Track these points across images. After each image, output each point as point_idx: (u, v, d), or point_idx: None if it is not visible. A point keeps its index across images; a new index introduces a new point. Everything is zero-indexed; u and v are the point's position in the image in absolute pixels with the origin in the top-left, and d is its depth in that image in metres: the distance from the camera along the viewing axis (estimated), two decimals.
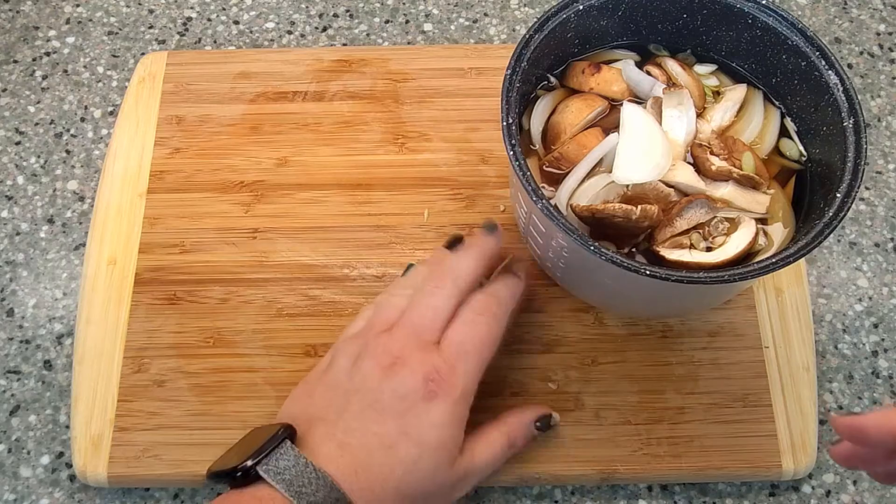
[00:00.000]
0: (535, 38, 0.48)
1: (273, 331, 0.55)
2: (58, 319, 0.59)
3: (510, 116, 0.45)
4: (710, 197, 0.47)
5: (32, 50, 0.69)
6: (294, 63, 0.65)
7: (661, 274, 0.41)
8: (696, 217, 0.47)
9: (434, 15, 0.71)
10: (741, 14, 0.50)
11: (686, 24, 0.52)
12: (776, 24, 0.49)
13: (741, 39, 0.51)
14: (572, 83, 0.53)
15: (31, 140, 0.65)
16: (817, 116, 0.49)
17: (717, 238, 0.47)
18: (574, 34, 0.51)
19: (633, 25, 0.53)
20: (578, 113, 0.51)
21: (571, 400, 0.53)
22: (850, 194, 0.44)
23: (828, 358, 0.58)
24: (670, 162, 0.47)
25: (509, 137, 0.45)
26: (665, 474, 0.52)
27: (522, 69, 0.47)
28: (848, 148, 0.45)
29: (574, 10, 0.49)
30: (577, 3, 0.49)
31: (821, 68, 0.48)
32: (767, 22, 0.49)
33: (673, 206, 0.47)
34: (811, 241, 0.43)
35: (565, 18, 0.49)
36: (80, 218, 0.62)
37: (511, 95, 0.46)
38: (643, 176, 0.47)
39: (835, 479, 0.54)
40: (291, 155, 0.61)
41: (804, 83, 0.49)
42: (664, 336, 0.55)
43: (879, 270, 0.60)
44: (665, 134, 0.49)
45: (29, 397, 0.56)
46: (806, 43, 0.48)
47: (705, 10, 0.51)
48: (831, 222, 0.43)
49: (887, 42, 0.70)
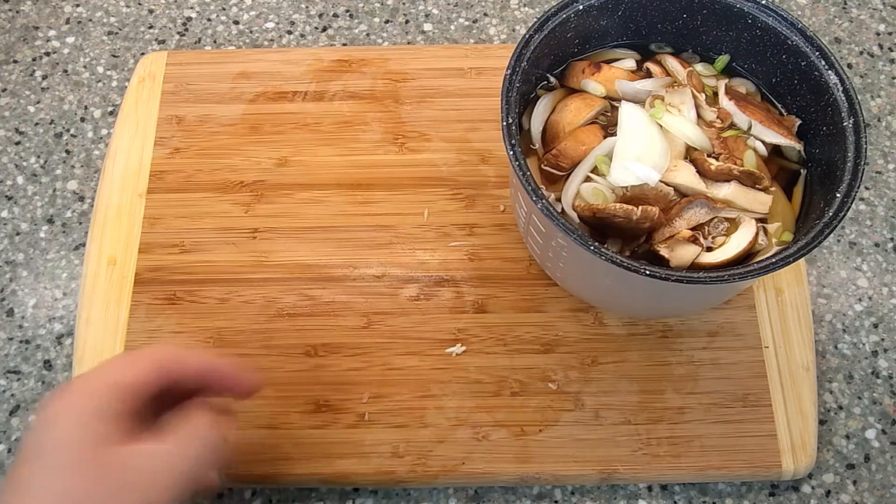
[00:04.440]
0: (535, 38, 0.48)
1: (273, 331, 0.55)
2: (58, 319, 0.59)
3: (510, 116, 0.45)
4: (710, 197, 0.47)
5: (32, 50, 0.69)
6: (294, 63, 0.65)
7: (661, 274, 0.41)
8: (697, 217, 0.46)
9: (434, 15, 0.71)
10: (741, 14, 0.50)
11: (686, 24, 0.52)
12: (776, 24, 0.49)
13: (741, 39, 0.51)
14: (572, 83, 0.53)
15: (31, 140, 0.65)
16: (817, 116, 0.49)
17: (718, 238, 0.47)
18: (574, 34, 0.51)
19: (633, 25, 0.53)
20: (577, 112, 0.50)
21: (571, 400, 0.53)
22: (850, 194, 0.44)
23: (828, 358, 0.58)
24: (668, 162, 0.47)
25: (509, 137, 0.45)
26: (665, 474, 0.52)
27: (522, 69, 0.47)
28: (848, 148, 0.45)
29: (574, 9, 0.49)
30: (577, 2, 0.49)
31: (821, 68, 0.48)
32: (767, 22, 0.49)
33: (673, 206, 0.47)
34: (811, 241, 0.43)
35: (565, 18, 0.49)
36: (80, 218, 0.62)
37: (511, 95, 0.46)
38: (640, 177, 0.47)
39: (835, 479, 0.54)
40: (291, 155, 0.61)
41: (804, 83, 0.49)
42: (664, 336, 0.55)
43: (879, 270, 0.60)
44: (664, 134, 0.48)
45: (29, 397, 0.56)
46: (806, 43, 0.48)
47: (705, 10, 0.51)
48: (831, 222, 0.43)
49: (887, 42, 0.70)
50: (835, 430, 0.55)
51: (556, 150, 0.50)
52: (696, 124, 0.49)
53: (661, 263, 0.45)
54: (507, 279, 0.57)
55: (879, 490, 0.54)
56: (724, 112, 0.50)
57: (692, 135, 0.49)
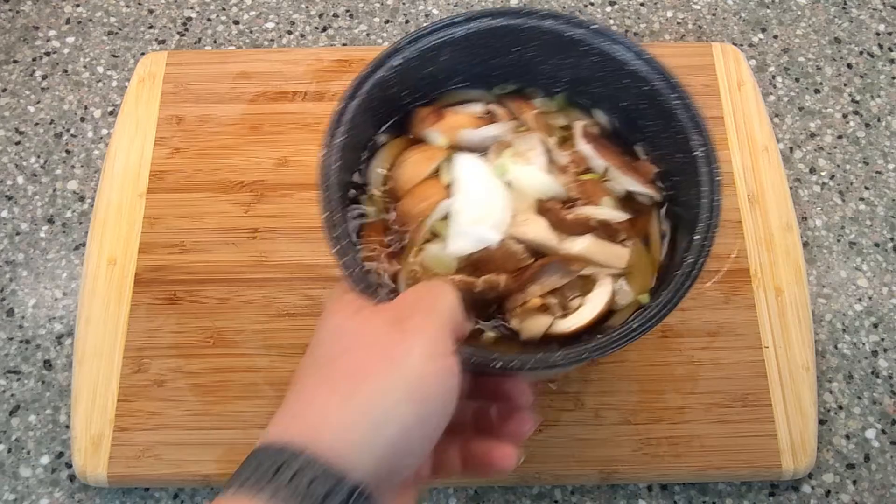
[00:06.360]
0: (350, 107, 0.44)
1: (273, 331, 0.55)
2: (58, 319, 0.59)
3: (331, 208, 0.40)
4: (565, 257, 0.43)
5: (32, 50, 0.69)
6: (294, 63, 0.65)
7: (510, 365, 0.37)
8: (551, 282, 0.42)
9: (434, 15, 0.71)
10: (574, 41, 0.46)
11: (521, 57, 0.48)
12: (612, 49, 0.46)
13: (581, 66, 0.47)
14: (416, 131, 0.48)
15: (31, 140, 0.65)
16: (669, 142, 0.45)
17: (573, 301, 0.43)
18: (400, 88, 0.47)
19: (463, 66, 0.48)
20: (416, 167, 0.46)
21: (571, 400, 0.53)
22: (708, 237, 0.40)
23: (828, 358, 0.58)
24: (510, 218, 0.43)
25: (331, 230, 0.40)
26: (665, 474, 0.52)
27: (341, 145, 0.43)
28: (702, 181, 0.42)
29: (389, 67, 0.45)
30: (391, 58, 0.45)
31: (664, 92, 0.44)
32: (603, 47, 0.46)
33: (525, 269, 0.42)
34: (670, 300, 0.39)
35: (381, 79, 0.45)
36: (80, 218, 0.62)
37: (329, 182, 0.41)
38: (480, 241, 0.42)
39: (834, 479, 0.54)
40: (291, 155, 0.61)
41: (651, 108, 0.46)
42: (664, 336, 0.55)
43: (879, 270, 0.60)
44: (511, 186, 0.44)
45: (29, 397, 0.56)
46: (646, 66, 0.45)
47: (536, 41, 0.47)
48: (691, 272, 0.39)
49: (887, 42, 0.70)
50: (835, 430, 0.55)
51: (395, 211, 0.45)
52: (547, 171, 0.46)
53: (513, 335, 0.42)
54: None
55: (879, 490, 0.54)
56: (579, 156, 0.46)
57: (542, 185, 0.45)
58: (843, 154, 0.65)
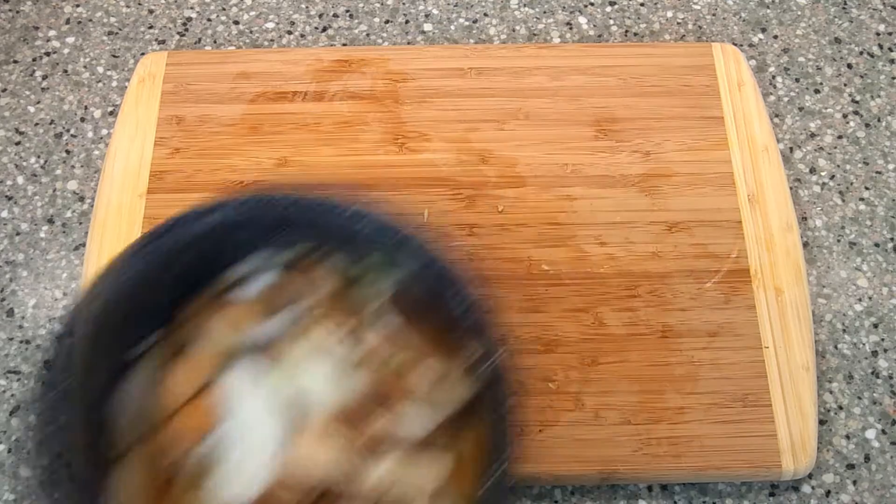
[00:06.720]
0: (77, 332, 0.35)
1: None
2: (58, 319, 0.59)
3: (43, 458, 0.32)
4: (357, 495, 0.35)
5: (32, 50, 0.69)
6: (294, 63, 0.65)
7: None
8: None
9: (434, 15, 0.71)
10: (326, 206, 0.40)
11: (294, 233, 0.41)
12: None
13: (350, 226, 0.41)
14: (179, 336, 0.39)
15: (31, 140, 0.65)
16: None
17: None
18: (154, 286, 0.38)
19: (234, 249, 0.41)
20: (177, 388, 0.37)
21: (571, 400, 0.53)
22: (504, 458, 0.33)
23: (828, 358, 0.58)
24: (286, 446, 0.36)
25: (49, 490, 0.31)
26: (665, 474, 0.52)
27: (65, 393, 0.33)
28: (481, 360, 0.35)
29: (126, 274, 0.37)
30: (123, 273, 0.37)
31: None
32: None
33: (319, 501, 0.35)
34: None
35: (121, 283, 0.37)
36: (80, 218, 0.62)
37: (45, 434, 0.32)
38: (249, 484, 0.35)
39: (835, 479, 0.54)
40: (291, 155, 0.61)
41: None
42: (664, 336, 0.55)
43: (879, 270, 0.60)
44: (294, 397, 0.37)
45: (29, 397, 0.56)
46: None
47: (292, 219, 0.41)
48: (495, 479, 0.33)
49: (887, 42, 0.70)
50: (835, 430, 0.55)
51: (151, 448, 0.36)
52: (345, 369, 0.38)
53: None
54: (507, 279, 0.57)
55: (879, 490, 0.54)
56: (388, 335, 0.39)
57: (335, 391, 0.37)
58: (844, 154, 0.65)
